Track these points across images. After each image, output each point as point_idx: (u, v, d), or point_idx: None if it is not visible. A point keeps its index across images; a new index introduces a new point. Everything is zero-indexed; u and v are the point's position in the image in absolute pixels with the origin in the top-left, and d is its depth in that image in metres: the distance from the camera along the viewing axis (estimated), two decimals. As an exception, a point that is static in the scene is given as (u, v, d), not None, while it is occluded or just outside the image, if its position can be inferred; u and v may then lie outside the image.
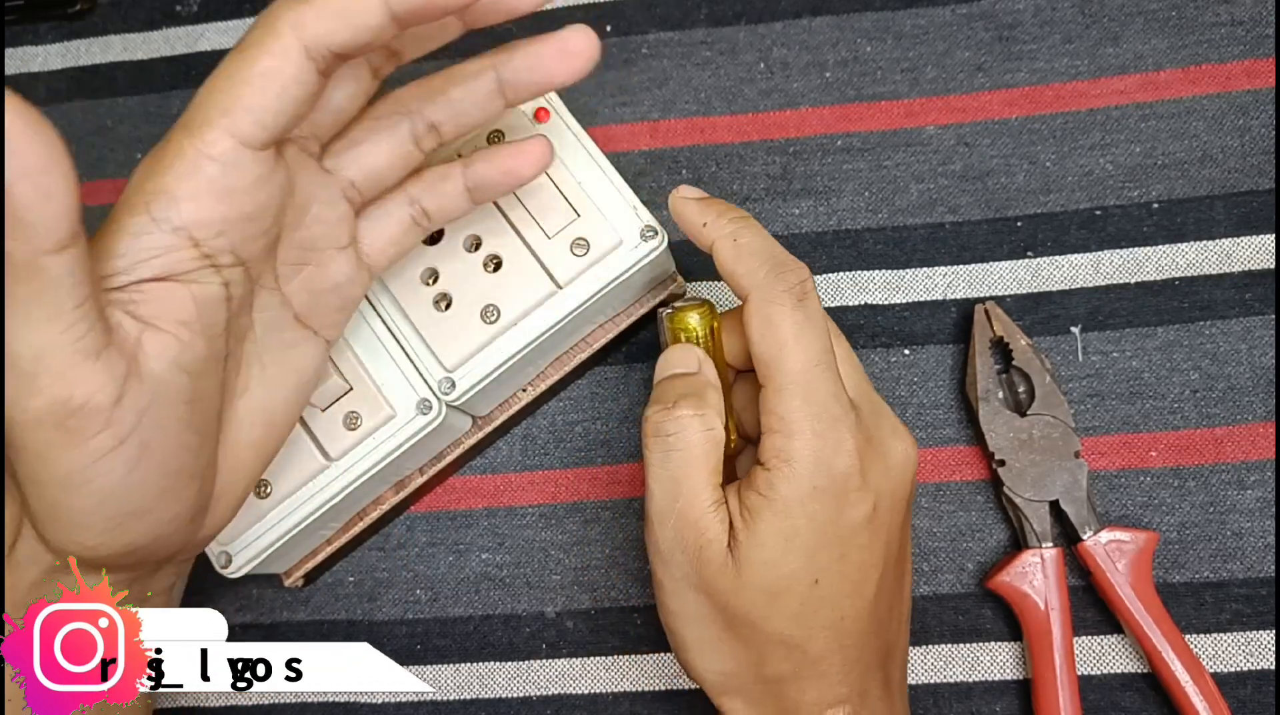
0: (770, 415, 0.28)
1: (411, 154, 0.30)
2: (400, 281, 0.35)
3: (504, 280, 0.35)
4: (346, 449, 0.35)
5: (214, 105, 0.24)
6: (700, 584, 0.28)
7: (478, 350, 0.35)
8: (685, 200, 0.31)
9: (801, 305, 0.29)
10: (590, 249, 0.35)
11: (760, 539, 0.28)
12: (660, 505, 0.29)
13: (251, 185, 0.25)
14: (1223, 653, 0.36)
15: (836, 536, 0.28)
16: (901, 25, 0.41)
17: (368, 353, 0.35)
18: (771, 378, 0.28)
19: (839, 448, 0.28)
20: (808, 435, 0.28)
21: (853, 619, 0.29)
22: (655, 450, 0.29)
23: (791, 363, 0.28)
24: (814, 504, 0.28)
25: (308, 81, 0.24)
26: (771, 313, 0.28)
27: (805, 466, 0.28)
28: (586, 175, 0.36)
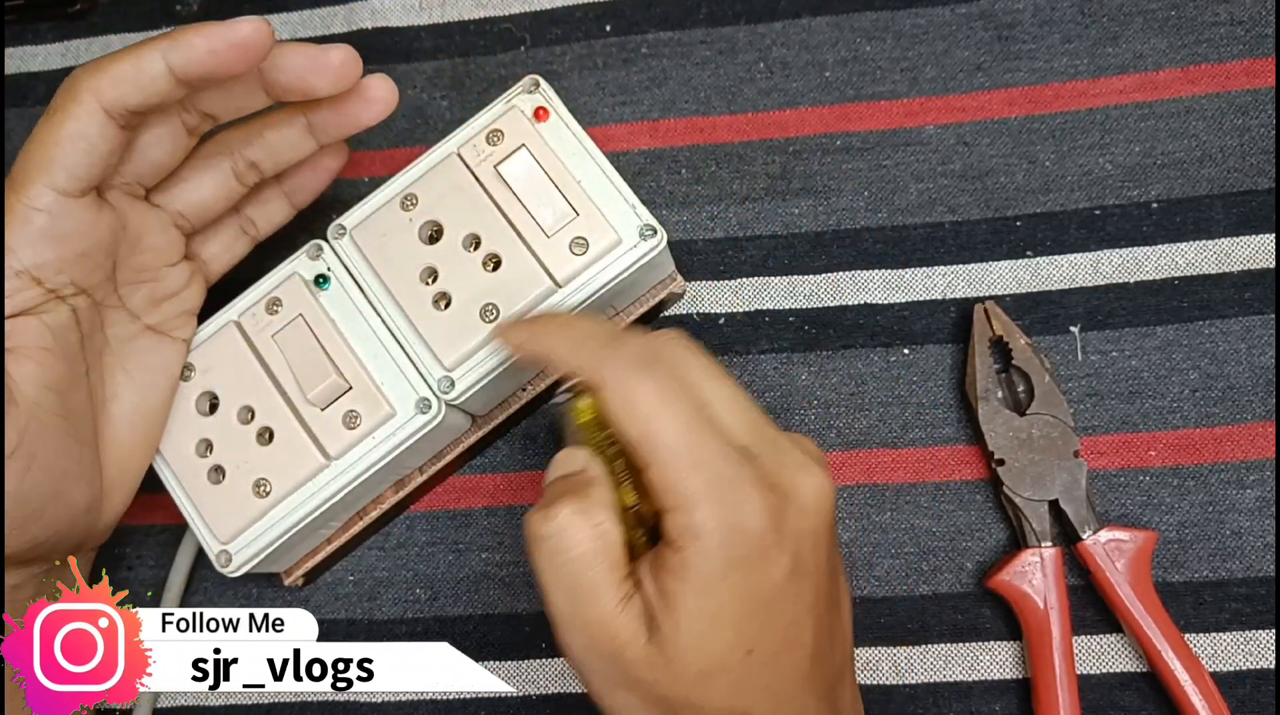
0: (665, 493, 0.26)
1: (235, 188, 0.35)
2: (399, 280, 0.35)
3: (503, 279, 0.35)
4: (346, 448, 0.35)
5: (33, 164, 0.29)
6: (627, 683, 0.27)
7: (477, 348, 0.35)
8: (505, 332, 0.31)
9: (651, 372, 0.27)
10: (589, 248, 0.35)
11: (684, 624, 0.26)
12: (562, 613, 0.27)
13: (78, 228, 0.30)
14: (1222, 652, 0.36)
15: (763, 601, 0.27)
16: (901, 25, 0.41)
17: (367, 351, 0.35)
18: (652, 457, 0.26)
19: (744, 508, 0.26)
20: (708, 505, 0.26)
21: (792, 671, 0.28)
22: (539, 556, 0.28)
23: (664, 436, 0.26)
24: (734, 575, 0.26)
25: (111, 136, 0.30)
26: (624, 392, 0.27)
27: (715, 539, 0.26)
28: (585, 174, 0.36)
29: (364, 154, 0.43)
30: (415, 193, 0.36)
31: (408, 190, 0.36)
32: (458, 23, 0.44)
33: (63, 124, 0.29)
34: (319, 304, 0.36)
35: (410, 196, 0.36)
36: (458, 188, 0.36)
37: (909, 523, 0.38)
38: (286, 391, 0.35)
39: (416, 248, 0.36)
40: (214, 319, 0.36)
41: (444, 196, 0.36)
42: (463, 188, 0.36)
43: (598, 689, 0.28)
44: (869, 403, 0.39)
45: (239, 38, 0.30)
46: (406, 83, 0.43)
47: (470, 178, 0.36)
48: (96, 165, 0.30)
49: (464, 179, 0.36)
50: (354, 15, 0.44)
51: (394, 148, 0.43)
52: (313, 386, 0.35)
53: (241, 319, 0.36)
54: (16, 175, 0.29)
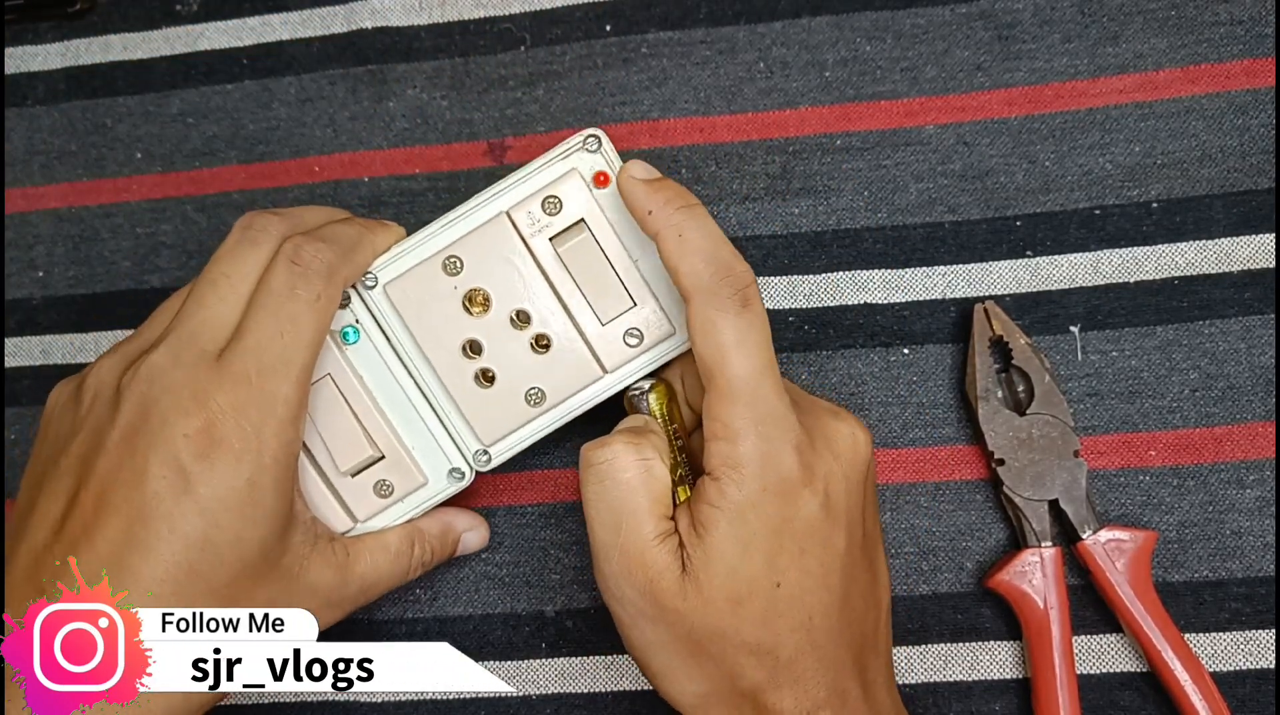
0: (714, 421, 0.29)
1: None
2: (439, 349, 0.34)
3: (551, 363, 0.34)
4: (373, 513, 0.35)
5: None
6: (657, 614, 0.28)
7: (517, 428, 0.34)
8: (633, 181, 0.31)
9: (744, 311, 0.29)
10: (644, 340, 0.34)
11: (716, 549, 0.28)
12: (602, 540, 0.29)
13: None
14: (1222, 652, 0.36)
15: (793, 535, 0.28)
16: (901, 25, 0.41)
17: (401, 419, 0.34)
18: (714, 383, 0.29)
19: (784, 447, 0.28)
20: (752, 439, 0.28)
21: (821, 615, 0.29)
22: (589, 482, 0.29)
23: (734, 369, 0.28)
24: (766, 505, 0.28)
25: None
26: (713, 318, 0.29)
27: (753, 469, 0.28)
28: (642, 251, 0.34)
29: (364, 154, 0.43)
30: (460, 256, 0.33)
31: (451, 251, 0.34)
32: (458, 22, 0.44)
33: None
34: (348, 363, 0.34)
35: (454, 259, 0.33)
36: (507, 259, 0.33)
37: (909, 522, 0.38)
38: (316, 458, 0.34)
39: (460, 317, 0.34)
40: None
41: (493, 266, 0.33)
42: (513, 260, 0.33)
43: (628, 623, 0.30)
44: (869, 403, 0.39)
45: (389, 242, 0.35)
46: (406, 82, 0.43)
47: (523, 248, 0.33)
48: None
49: (515, 248, 0.33)
50: (354, 15, 0.44)
51: (394, 147, 0.43)
52: (343, 456, 0.33)
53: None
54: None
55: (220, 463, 0.28)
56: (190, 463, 0.28)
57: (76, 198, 0.45)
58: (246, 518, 0.29)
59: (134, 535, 0.29)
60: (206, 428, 0.28)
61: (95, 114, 0.45)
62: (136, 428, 0.29)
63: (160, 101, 0.45)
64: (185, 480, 0.28)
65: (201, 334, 0.30)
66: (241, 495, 0.29)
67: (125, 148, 0.45)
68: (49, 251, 0.44)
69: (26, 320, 0.44)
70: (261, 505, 0.29)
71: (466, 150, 0.43)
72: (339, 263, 0.31)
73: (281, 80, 0.44)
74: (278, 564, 0.30)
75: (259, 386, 0.29)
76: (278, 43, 0.45)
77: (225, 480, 0.28)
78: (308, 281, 0.30)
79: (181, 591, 0.29)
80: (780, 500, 0.28)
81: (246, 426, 0.29)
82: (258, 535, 0.29)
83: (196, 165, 0.44)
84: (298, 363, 0.30)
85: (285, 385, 0.29)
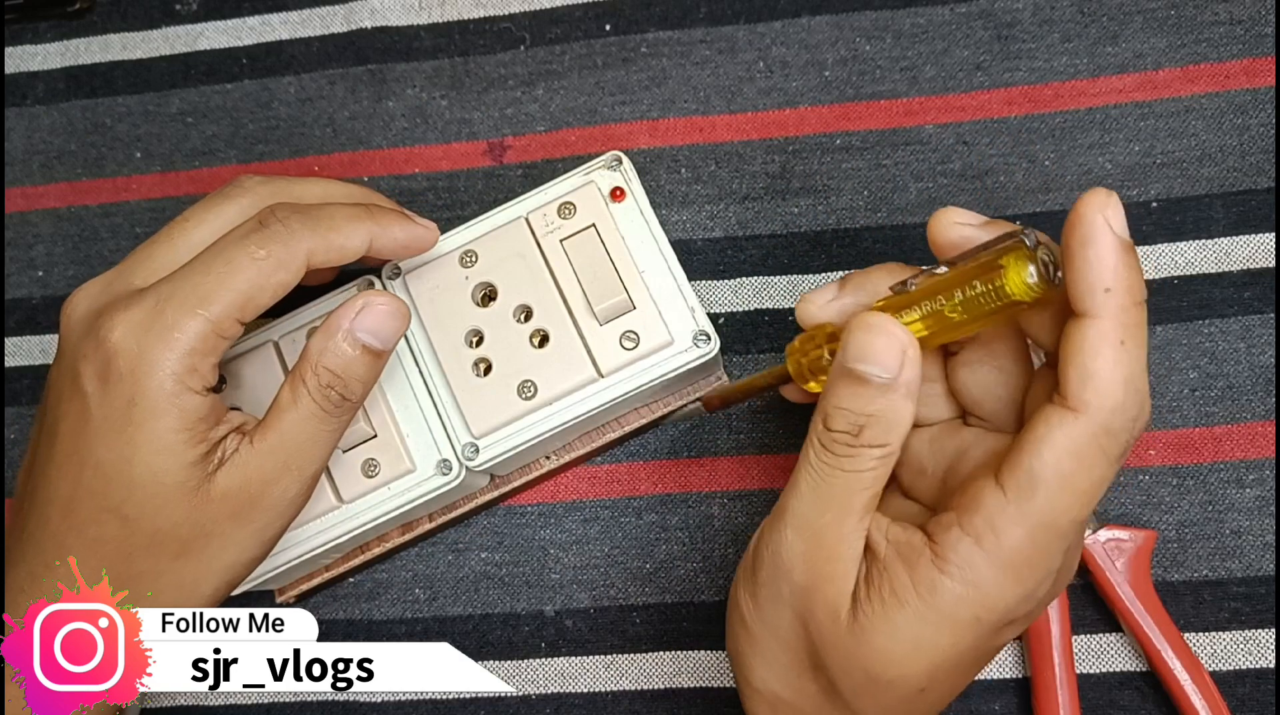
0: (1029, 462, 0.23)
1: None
2: (444, 337, 0.35)
3: (547, 358, 0.34)
4: (359, 494, 0.35)
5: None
6: (802, 611, 0.26)
7: (507, 422, 0.34)
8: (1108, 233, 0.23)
9: (1117, 462, 0.24)
10: (640, 344, 0.34)
11: (889, 629, 0.25)
12: (802, 511, 0.26)
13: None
14: (1221, 651, 0.36)
15: (968, 663, 0.26)
16: (900, 24, 0.41)
17: (399, 403, 0.35)
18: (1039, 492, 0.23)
19: (1039, 585, 0.24)
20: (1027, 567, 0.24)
21: (926, 709, 0.27)
22: (822, 460, 0.26)
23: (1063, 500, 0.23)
24: (968, 633, 0.25)
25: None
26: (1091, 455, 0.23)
27: (987, 593, 0.24)
28: (650, 265, 0.35)
29: (364, 154, 0.43)
30: (476, 250, 0.35)
31: (469, 246, 0.35)
32: (457, 22, 0.44)
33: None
34: None
35: (470, 253, 0.35)
36: (519, 254, 0.35)
37: (908, 522, 0.38)
38: None
39: (467, 307, 0.35)
40: (254, 336, 0.36)
41: (504, 260, 0.35)
42: (524, 256, 0.35)
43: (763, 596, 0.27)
44: (868, 402, 0.39)
45: (426, 242, 0.34)
46: (406, 82, 0.43)
47: (534, 247, 0.35)
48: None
49: (527, 247, 0.35)
50: (353, 14, 0.44)
51: (394, 147, 0.43)
52: None
53: (281, 341, 0.36)
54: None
55: (109, 386, 0.29)
56: (90, 387, 0.29)
57: (76, 197, 0.45)
58: (128, 439, 0.28)
59: (53, 456, 0.30)
60: (107, 354, 0.29)
61: (95, 113, 0.45)
62: (60, 356, 0.30)
63: (160, 101, 0.45)
64: (86, 406, 0.29)
65: (138, 270, 0.31)
66: (121, 416, 0.28)
67: (125, 147, 0.45)
68: (49, 251, 0.44)
69: (26, 320, 0.44)
70: (144, 429, 0.28)
71: (466, 150, 0.43)
72: (304, 233, 0.30)
73: (281, 80, 0.44)
74: (184, 489, 0.29)
75: (159, 312, 0.29)
76: (277, 42, 0.45)
77: (112, 402, 0.29)
78: (262, 239, 0.30)
79: (74, 512, 0.29)
80: (988, 632, 0.25)
81: (135, 349, 0.28)
82: (143, 459, 0.29)
83: (196, 165, 0.44)
84: (213, 300, 0.29)
85: (190, 317, 0.29)
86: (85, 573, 0.29)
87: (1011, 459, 0.24)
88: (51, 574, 0.30)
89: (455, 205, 0.42)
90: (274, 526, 0.31)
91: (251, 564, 0.31)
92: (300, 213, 0.31)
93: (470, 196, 0.42)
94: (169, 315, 0.29)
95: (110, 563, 0.29)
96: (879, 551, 0.26)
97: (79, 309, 0.31)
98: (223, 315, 0.29)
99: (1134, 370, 0.23)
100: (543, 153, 0.42)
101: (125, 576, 0.30)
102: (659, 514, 0.39)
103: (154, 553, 0.29)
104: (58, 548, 0.30)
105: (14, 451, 0.43)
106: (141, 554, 0.29)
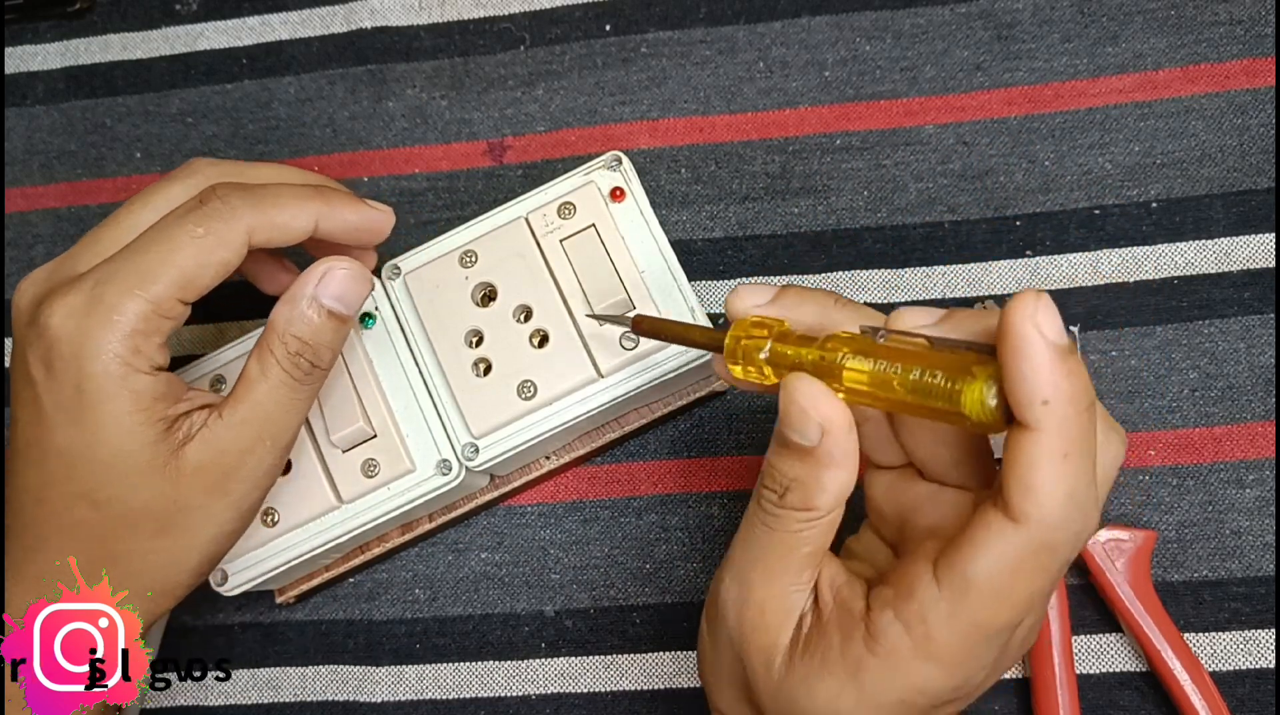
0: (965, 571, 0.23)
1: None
2: (444, 337, 0.35)
3: (547, 357, 0.34)
4: (359, 494, 0.35)
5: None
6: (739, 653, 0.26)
7: (507, 422, 0.34)
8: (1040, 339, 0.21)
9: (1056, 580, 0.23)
10: (640, 344, 0.34)
11: (811, 692, 0.24)
12: (738, 561, 0.26)
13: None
14: (1221, 651, 0.36)
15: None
16: (900, 24, 0.41)
17: (399, 403, 0.35)
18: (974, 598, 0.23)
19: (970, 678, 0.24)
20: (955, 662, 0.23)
21: None
22: (755, 515, 0.26)
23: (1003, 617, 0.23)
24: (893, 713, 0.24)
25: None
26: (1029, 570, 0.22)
27: (913, 682, 0.23)
28: (650, 264, 0.35)
29: (363, 154, 0.43)
30: (476, 250, 0.35)
31: (469, 246, 0.35)
32: (457, 22, 0.44)
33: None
34: (360, 344, 0.35)
35: (470, 253, 0.35)
36: (519, 254, 0.35)
37: (908, 522, 0.38)
38: (312, 426, 0.35)
39: (467, 307, 0.35)
40: (253, 336, 0.36)
41: (504, 260, 0.35)
42: (524, 256, 0.35)
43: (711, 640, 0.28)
44: (868, 402, 0.39)
45: (381, 225, 0.33)
46: (406, 82, 0.43)
47: (534, 247, 0.35)
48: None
49: (527, 247, 0.35)
50: (353, 15, 0.44)
51: (394, 147, 0.43)
52: (339, 429, 0.34)
53: None
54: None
55: (54, 373, 0.28)
56: (38, 375, 0.29)
57: (76, 197, 0.45)
58: (82, 426, 0.28)
59: (16, 446, 0.30)
60: (49, 341, 0.28)
61: (95, 113, 0.45)
62: (15, 345, 0.30)
63: (160, 101, 0.45)
64: (36, 394, 0.29)
65: (82, 255, 0.31)
66: (72, 401, 0.28)
67: (125, 147, 0.45)
68: (49, 251, 0.44)
69: (26, 320, 0.44)
70: (95, 413, 0.28)
71: (466, 150, 0.43)
72: (245, 210, 0.30)
73: (281, 80, 0.44)
74: (150, 468, 0.29)
75: (97, 295, 0.28)
76: (277, 42, 0.45)
77: (60, 389, 0.28)
78: (200, 216, 0.29)
79: (45, 501, 0.29)
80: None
81: (74, 332, 0.28)
82: (104, 441, 0.28)
83: (196, 165, 0.44)
84: (152, 280, 0.28)
85: (127, 298, 0.28)
86: (63, 558, 0.29)
87: (949, 555, 0.23)
88: (31, 561, 0.30)
89: (455, 205, 0.42)
90: (250, 497, 0.31)
91: (233, 536, 0.31)
92: (242, 190, 0.30)
93: (470, 196, 0.42)
94: (108, 298, 0.28)
95: (88, 547, 0.29)
96: (824, 610, 0.25)
97: (25, 297, 0.30)
98: (163, 295, 0.29)
99: (1077, 484, 0.22)
100: (543, 153, 0.42)
101: (105, 558, 0.29)
102: (659, 514, 0.39)
103: (132, 533, 0.29)
104: (35, 537, 0.30)
105: (14, 451, 0.43)
106: (119, 536, 0.29)
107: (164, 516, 0.29)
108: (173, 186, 0.32)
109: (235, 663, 0.40)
